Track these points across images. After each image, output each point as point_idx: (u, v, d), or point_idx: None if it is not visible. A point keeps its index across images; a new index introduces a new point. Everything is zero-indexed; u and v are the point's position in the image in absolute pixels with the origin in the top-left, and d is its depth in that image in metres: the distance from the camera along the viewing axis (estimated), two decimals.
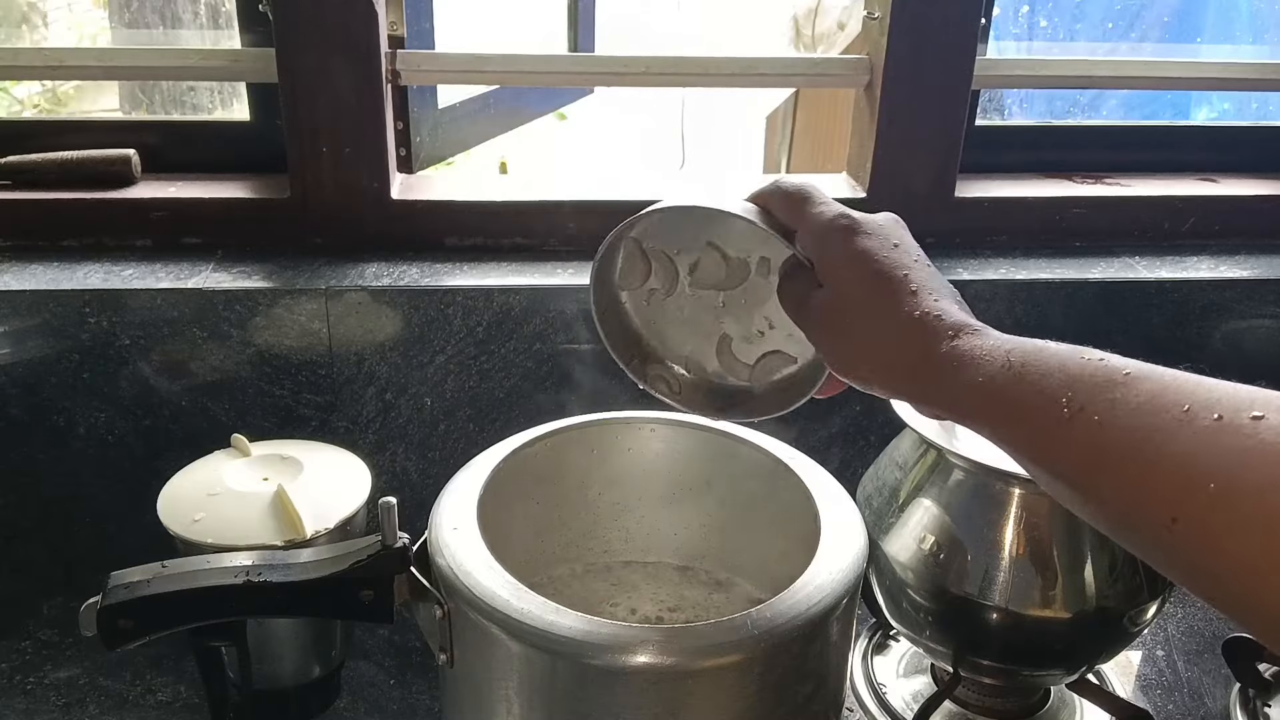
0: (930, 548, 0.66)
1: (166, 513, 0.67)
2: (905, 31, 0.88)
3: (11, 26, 1.92)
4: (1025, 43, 2.03)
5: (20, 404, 0.81)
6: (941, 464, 0.67)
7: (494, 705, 0.55)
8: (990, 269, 0.90)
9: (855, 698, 0.77)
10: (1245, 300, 0.91)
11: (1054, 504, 0.64)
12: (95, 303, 0.80)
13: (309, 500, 0.68)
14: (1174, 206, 0.98)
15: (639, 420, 0.71)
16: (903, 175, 0.92)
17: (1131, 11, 1.98)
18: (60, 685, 0.76)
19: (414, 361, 0.84)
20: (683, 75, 0.95)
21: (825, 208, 0.51)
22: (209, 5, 1.40)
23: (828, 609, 0.54)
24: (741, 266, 0.59)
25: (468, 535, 0.57)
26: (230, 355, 0.82)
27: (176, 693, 0.76)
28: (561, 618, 0.52)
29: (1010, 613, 0.64)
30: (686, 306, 0.61)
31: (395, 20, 0.90)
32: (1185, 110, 1.84)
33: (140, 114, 1.58)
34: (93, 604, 0.55)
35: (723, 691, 0.53)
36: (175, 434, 0.84)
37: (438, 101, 1.03)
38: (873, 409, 0.90)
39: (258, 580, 0.56)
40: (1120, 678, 0.79)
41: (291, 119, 0.85)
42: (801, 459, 0.67)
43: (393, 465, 0.88)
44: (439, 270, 0.86)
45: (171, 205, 0.87)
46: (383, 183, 0.88)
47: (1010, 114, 1.69)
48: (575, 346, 0.86)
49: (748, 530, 0.71)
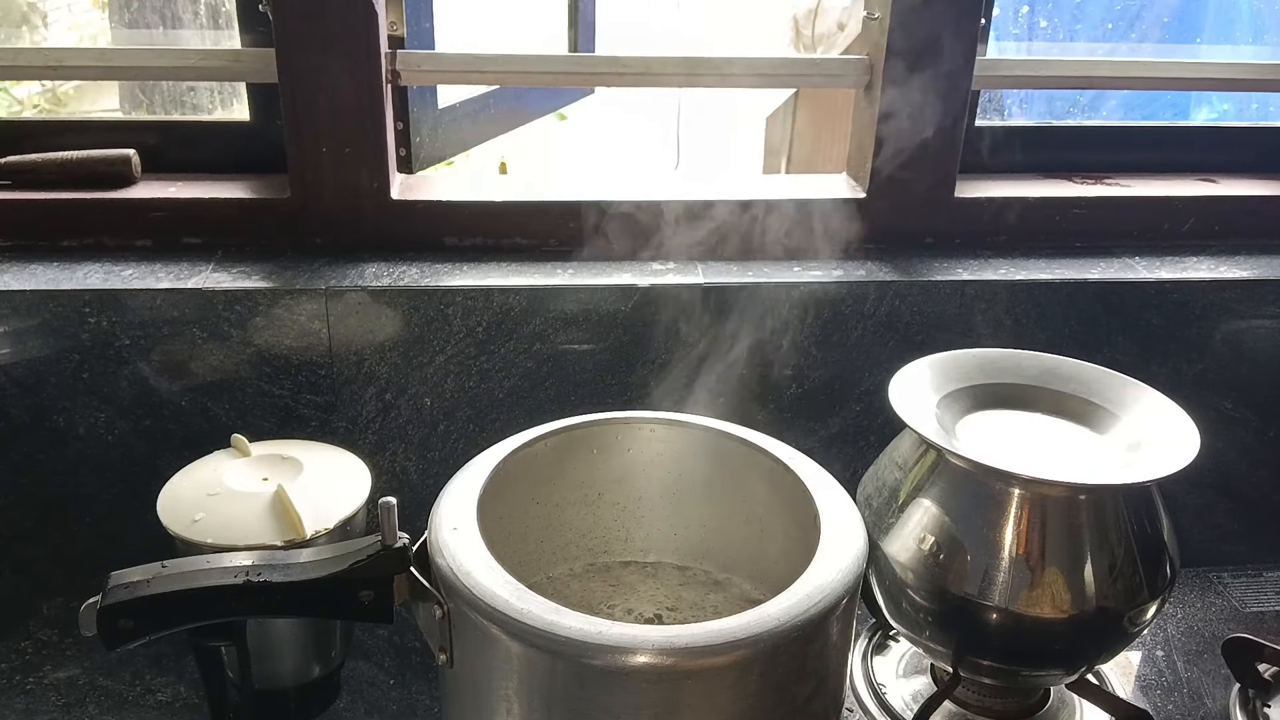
0: (930, 548, 0.66)
1: (166, 513, 0.67)
2: (905, 31, 0.88)
3: (11, 26, 1.92)
4: (1025, 43, 2.03)
5: (20, 404, 0.81)
6: (941, 464, 0.67)
7: (494, 705, 0.55)
8: (990, 269, 0.91)
9: (855, 698, 0.77)
10: (1245, 300, 0.91)
11: (1054, 504, 0.64)
12: (95, 303, 0.80)
13: (309, 500, 0.68)
14: (1174, 207, 0.98)
15: (639, 420, 0.71)
16: (903, 175, 0.92)
17: (1131, 12, 1.98)
18: (60, 685, 0.76)
19: (414, 362, 0.84)
20: (683, 75, 0.95)
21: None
22: (209, 5, 1.40)
23: (827, 609, 0.54)
24: None
25: (468, 535, 0.57)
26: (230, 355, 0.82)
27: (176, 693, 0.76)
28: (561, 618, 0.52)
29: (1010, 613, 0.64)
30: None
31: (395, 20, 0.90)
32: (1185, 110, 1.84)
33: (140, 114, 1.58)
34: (93, 604, 0.55)
35: (722, 691, 0.53)
36: (175, 434, 0.84)
37: (438, 102, 1.02)
38: (872, 409, 0.90)
39: (258, 580, 0.56)
40: (1120, 678, 0.79)
41: (291, 119, 0.85)
42: (801, 459, 0.67)
43: (393, 465, 0.88)
44: (439, 270, 0.86)
45: (171, 205, 0.87)
46: (383, 183, 0.88)
47: (1010, 114, 1.69)
48: (575, 346, 0.86)
49: (747, 530, 0.71)
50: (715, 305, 0.86)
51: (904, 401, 0.68)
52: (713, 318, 0.86)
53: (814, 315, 0.87)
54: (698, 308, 0.86)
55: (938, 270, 0.90)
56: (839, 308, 0.87)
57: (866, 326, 0.88)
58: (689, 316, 0.86)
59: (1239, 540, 0.96)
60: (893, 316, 0.88)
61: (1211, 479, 0.94)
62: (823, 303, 0.87)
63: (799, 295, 0.86)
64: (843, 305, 0.87)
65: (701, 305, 0.86)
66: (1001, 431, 0.70)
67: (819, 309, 0.87)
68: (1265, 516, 0.97)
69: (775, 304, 0.86)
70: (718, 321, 0.86)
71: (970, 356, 0.75)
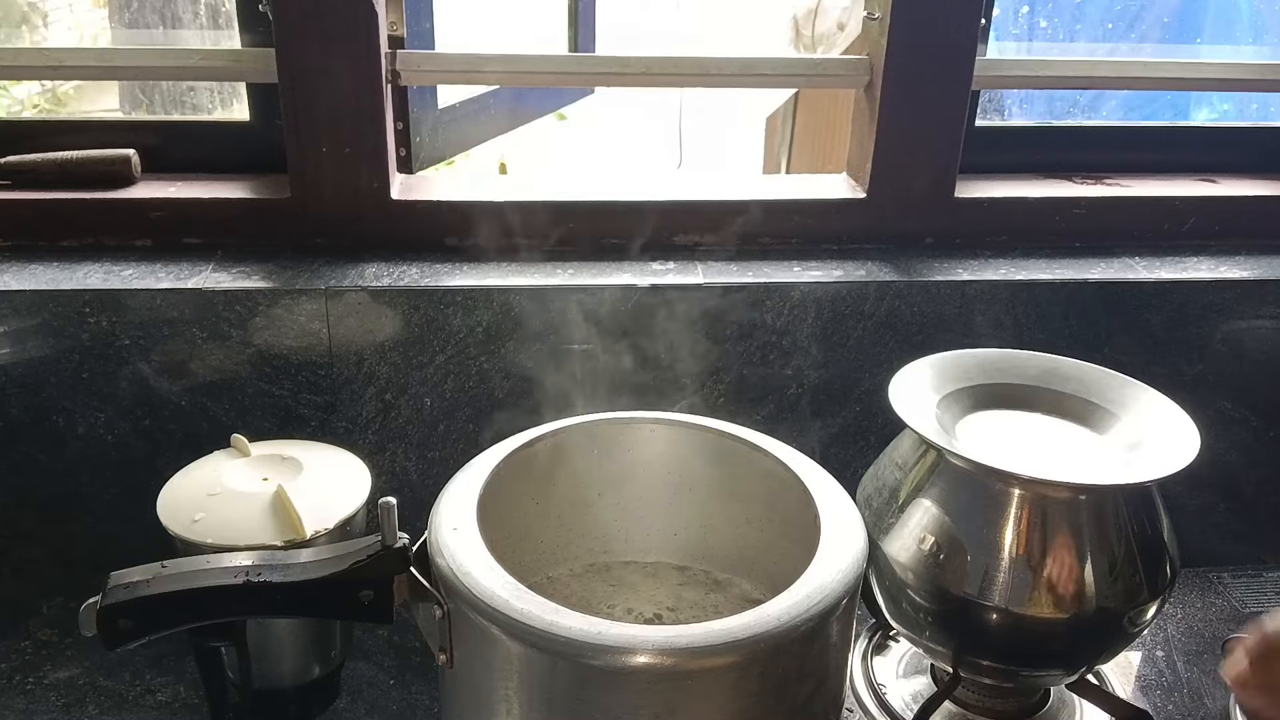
0: (930, 548, 0.66)
1: (166, 513, 0.67)
2: (905, 31, 0.88)
3: (11, 26, 1.92)
4: (1025, 43, 2.03)
5: (20, 404, 0.81)
6: (941, 464, 0.67)
7: (494, 705, 0.55)
8: (990, 269, 0.90)
9: (855, 698, 0.77)
10: (1245, 301, 0.91)
11: (1054, 504, 0.64)
12: (95, 303, 0.80)
13: (309, 500, 0.68)
14: (1174, 207, 0.98)
15: (639, 420, 0.71)
16: (903, 175, 0.92)
17: (1131, 12, 1.98)
18: (60, 685, 0.76)
19: (414, 362, 0.84)
20: (683, 75, 0.95)
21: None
22: (209, 5, 1.40)
23: (827, 609, 0.54)
24: None
25: (468, 535, 0.57)
26: (230, 355, 0.82)
27: (176, 693, 0.76)
28: (561, 618, 0.52)
29: (1010, 613, 0.64)
30: None
31: (395, 20, 0.90)
32: (1185, 111, 1.84)
33: (140, 114, 1.58)
34: (92, 604, 0.55)
35: (722, 691, 0.53)
36: (175, 434, 0.84)
37: (438, 102, 1.02)
38: (872, 409, 0.90)
39: (258, 580, 0.56)
40: (1120, 678, 0.79)
41: (291, 119, 0.85)
42: (801, 459, 0.67)
43: (393, 465, 0.88)
44: (439, 270, 0.86)
45: (171, 205, 0.87)
46: (383, 183, 0.88)
47: (1010, 114, 1.69)
48: (575, 346, 0.86)
49: (747, 530, 0.71)
50: (715, 305, 0.86)
51: (904, 401, 0.68)
52: (712, 318, 0.86)
53: (814, 315, 0.87)
54: (697, 308, 0.86)
55: (938, 270, 0.90)
56: (839, 308, 0.87)
57: (866, 326, 0.88)
58: (689, 316, 0.86)
59: (1239, 540, 0.96)
60: (893, 316, 0.88)
61: (1211, 479, 0.94)
62: (823, 303, 0.87)
63: (799, 295, 0.86)
64: (843, 305, 0.87)
65: (701, 305, 0.86)
66: (1001, 431, 0.70)
67: (819, 309, 0.87)
68: (1265, 516, 0.97)
69: (775, 304, 0.86)
70: (717, 322, 0.86)
71: (970, 356, 0.75)
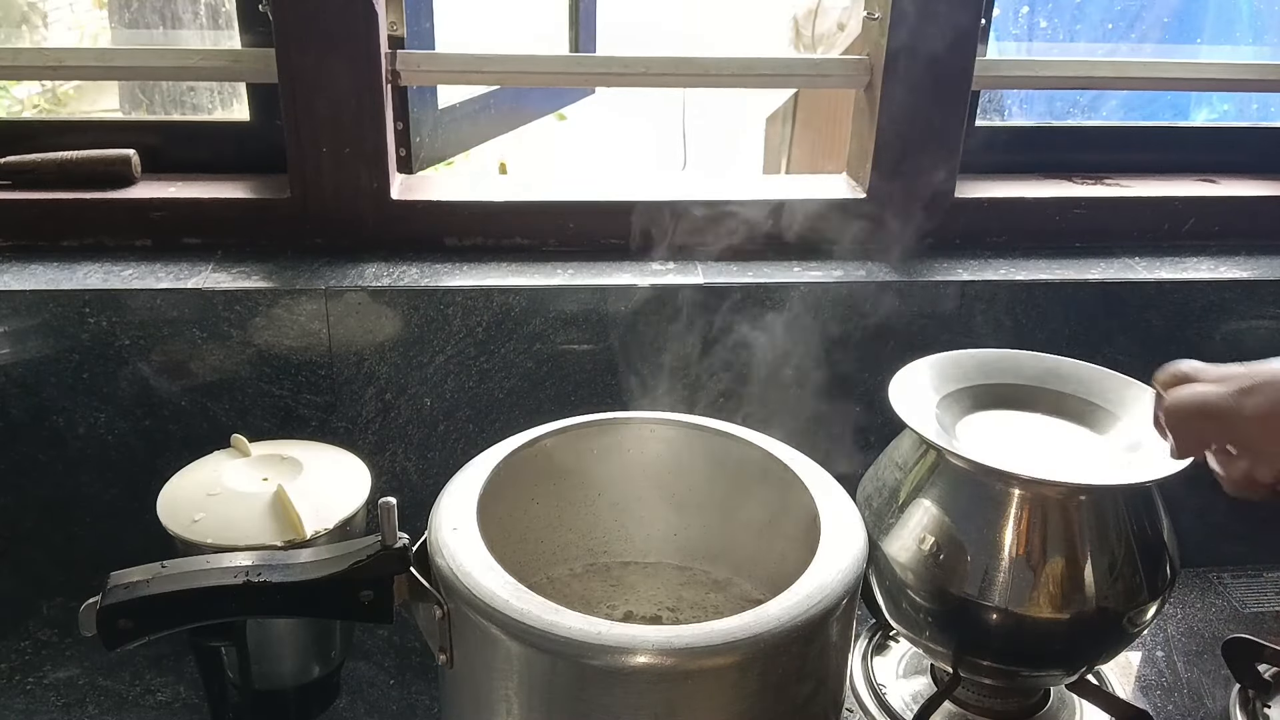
0: (930, 548, 0.66)
1: (166, 513, 0.67)
2: (905, 32, 0.88)
3: (11, 26, 1.92)
4: (1025, 43, 2.03)
5: (20, 404, 0.81)
6: (941, 464, 0.67)
7: (494, 705, 0.55)
8: (990, 269, 0.90)
9: (855, 698, 0.77)
10: (1245, 301, 0.91)
11: (1054, 504, 0.64)
12: (95, 303, 0.80)
13: (309, 500, 0.68)
14: (1174, 207, 0.98)
15: (639, 420, 0.71)
16: (903, 175, 0.92)
17: (1131, 12, 1.98)
18: (60, 685, 0.76)
19: (414, 362, 0.84)
20: (683, 75, 0.95)
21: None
22: (209, 5, 1.40)
23: (827, 609, 0.54)
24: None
25: (467, 535, 0.57)
26: (230, 355, 0.82)
27: (176, 693, 0.76)
28: (561, 618, 0.52)
29: (1010, 613, 0.64)
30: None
31: (395, 20, 0.90)
32: (1185, 111, 1.84)
33: (140, 114, 1.58)
34: (92, 604, 0.55)
35: (722, 692, 0.53)
36: (175, 434, 0.84)
37: (438, 102, 1.02)
38: (872, 409, 0.90)
39: (257, 580, 0.56)
40: (1120, 678, 0.79)
41: (291, 119, 0.85)
42: (801, 459, 0.67)
43: (393, 465, 0.88)
44: (439, 270, 0.86)
45: (171, 205, 0.87)
46: (383, 183, 0.88)
47: (1010, 114, 1.69)
48: (575, 347, 0.86)
49: (747, 530, 0.71)
50: (715, 305, 0.86)
51: (904, 401, 0.68)
52: (712, 318, 0.86)
53: (814, 315, 0.87)
54: (698, 308, 0.86)
55: (938, 270, 0.90)
56: (839, 307, 0.87)
57: (866, 326, 0.88)
58: (689, 316, 0.86)
59: (1239, 540, 0.96)
60: (893, 316, 0.88)
61: (1211, 479, 0.94)
62: (823, 302, 0.87)
63: (799, 295, 0.86)
64: (843, 305, 0.87)
65: (701, 305, 0.86)
66: (1001, 432, 0.70)
67: (819, 309, 0.87)
68: (1265, 516, 0.97)
69: (775, 304, 0.86)
70: (717, 322, 0.86)
71: (970, 357, 0.75)
